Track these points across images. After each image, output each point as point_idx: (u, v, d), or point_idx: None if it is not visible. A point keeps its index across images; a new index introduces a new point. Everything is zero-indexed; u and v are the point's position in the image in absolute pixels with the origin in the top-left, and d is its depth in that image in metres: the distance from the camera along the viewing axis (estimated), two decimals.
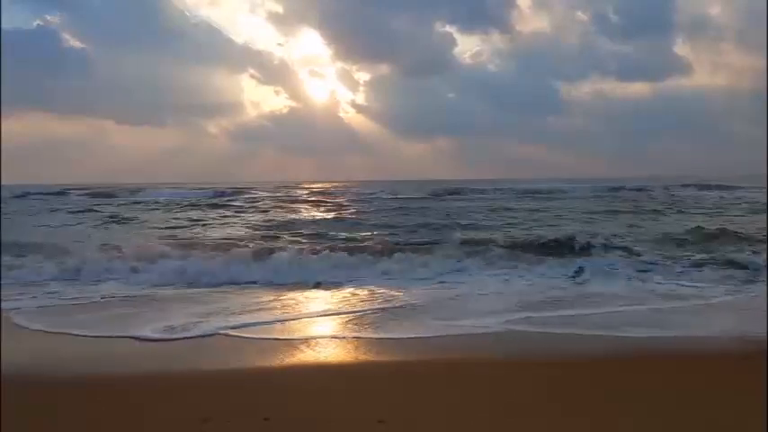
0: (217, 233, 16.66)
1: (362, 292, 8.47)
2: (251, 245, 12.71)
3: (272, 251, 11.23)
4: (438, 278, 9.66)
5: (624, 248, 11.89)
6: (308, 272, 9.78)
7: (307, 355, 5.33)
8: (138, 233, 16.99)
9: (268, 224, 19.03)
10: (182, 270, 9.88)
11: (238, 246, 12.47)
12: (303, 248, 11.81)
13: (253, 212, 25.02)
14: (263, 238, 14.95)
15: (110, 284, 9.21)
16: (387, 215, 22.32)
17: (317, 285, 9.09)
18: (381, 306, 7.50)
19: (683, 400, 4.04)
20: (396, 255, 10.84)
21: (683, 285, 8.84)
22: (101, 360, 5.33)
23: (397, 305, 7.55)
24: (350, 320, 6.76)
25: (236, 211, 25.68)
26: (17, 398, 4.16)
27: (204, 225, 19.21)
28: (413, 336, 6.01)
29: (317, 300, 8.17)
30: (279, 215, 23.33)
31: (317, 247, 11.93)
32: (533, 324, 6.54)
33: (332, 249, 11.39)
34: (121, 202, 32.84)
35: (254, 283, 9.33)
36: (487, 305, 7.56)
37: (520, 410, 3.89)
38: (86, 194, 40.58)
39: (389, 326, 6.45)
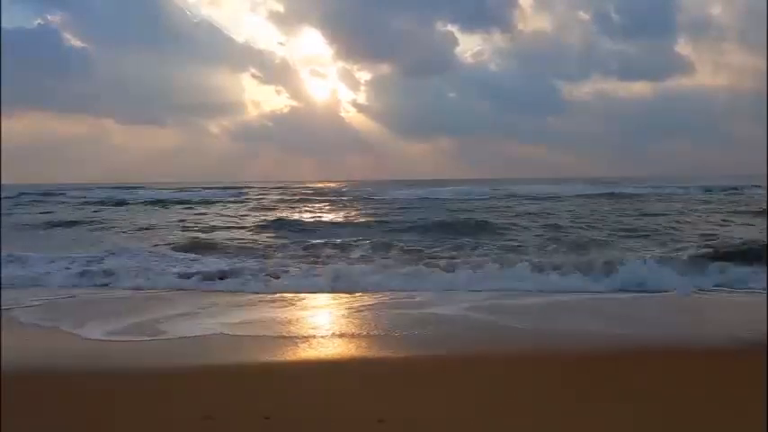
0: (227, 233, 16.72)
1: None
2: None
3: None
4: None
5: None
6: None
7: (308, 354, 5.34)
8: (125, 234, 16.98)
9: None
10: (180, 270, 9.90)
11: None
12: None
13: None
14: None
15: (113, 283, 9.25)
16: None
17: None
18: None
19: (683, 399, 4.04)
20: None
21: None
22: (101, 358, 5.34)
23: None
24: (355, 320, 6.78)
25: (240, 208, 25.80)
26: (17, 395, 4.17)
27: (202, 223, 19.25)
28: (414, 333, 6.01)
29: (321, 300, 8.18)
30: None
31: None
32: (536, 320, 6.56)
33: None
34: (125, 201, 32.81)
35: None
36: None
37: (523, 408, 3.89)
38: (80, 194, 40.27)
39: (393, 324, 6.46)
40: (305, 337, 5.93)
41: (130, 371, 4.91)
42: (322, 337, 5.97)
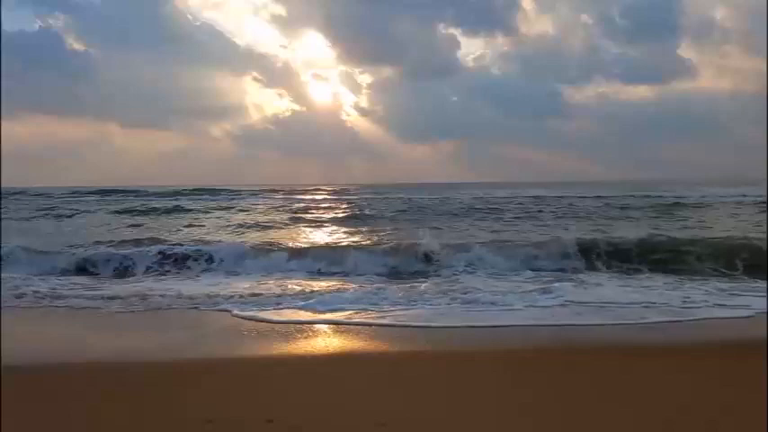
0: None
1: None
2: None
3: None
4: None
5: None
6: None
7: (310, 356, 5.35)
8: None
9: None
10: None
11: None
12: None
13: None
14: None
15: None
16: None
17: None
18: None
19: (683, 398, 4.04)
20: None
21: None
22: (101, 357, 5.36)
23: None
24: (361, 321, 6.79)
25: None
26: (17, 394, 4.18)
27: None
28: (414, 332, 6.02)
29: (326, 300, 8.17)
30: None
31: None
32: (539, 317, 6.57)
33: None
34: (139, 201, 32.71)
35: None
36: None
37: (524, 408, 3.90)
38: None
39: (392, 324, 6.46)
40: (307, 337, 5.94)
41: (131, 370, 4.91)
42: (325, 336, 5.99)
